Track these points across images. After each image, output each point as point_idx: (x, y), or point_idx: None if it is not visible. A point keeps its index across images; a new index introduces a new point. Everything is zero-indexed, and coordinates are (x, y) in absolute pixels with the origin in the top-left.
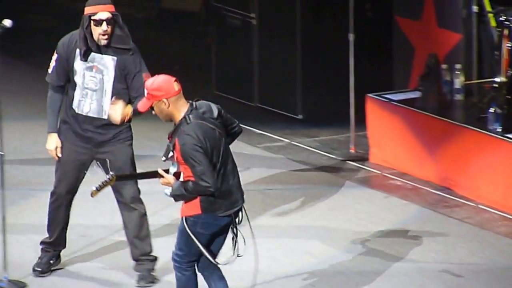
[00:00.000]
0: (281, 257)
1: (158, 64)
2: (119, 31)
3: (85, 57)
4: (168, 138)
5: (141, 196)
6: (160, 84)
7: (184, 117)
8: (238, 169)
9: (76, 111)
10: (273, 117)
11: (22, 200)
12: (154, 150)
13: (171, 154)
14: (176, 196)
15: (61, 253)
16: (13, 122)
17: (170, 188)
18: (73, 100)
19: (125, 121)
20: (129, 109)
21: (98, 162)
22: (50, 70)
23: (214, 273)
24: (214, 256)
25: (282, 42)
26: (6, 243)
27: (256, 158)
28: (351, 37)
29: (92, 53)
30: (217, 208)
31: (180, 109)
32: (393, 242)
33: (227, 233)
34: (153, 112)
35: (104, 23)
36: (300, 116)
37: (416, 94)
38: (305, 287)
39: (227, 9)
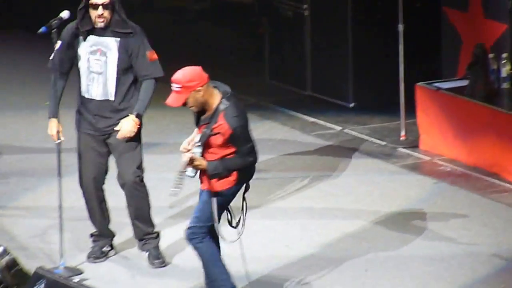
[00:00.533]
0: (334, 242)
1: (214, 55)
2: (117, 16)
3: (85, 36)
4: (201, 127)
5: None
6: (192, 75)
7: (221, 101)
8: (292, 156)
9: (86, 96)
10: (325, 105)
11: (79, 187)
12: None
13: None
14: (215, 175)
15: (116, 240)
16: (69, 111)
17: (194, 170)
18: (81, 86)
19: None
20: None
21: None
22: (51, 57)
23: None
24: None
25: (333, 32)
26: (63, 230)
27: (309, 146)
28: (400, 27)
29: (95, 36)
30: (246, 178)
31: (212, 94)
32: (443, 227)
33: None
34: (188, 105)
35: (100, 7)
36: (351, 104)
37: (464, 83)
38: (358, 271)
39: (280, 0)
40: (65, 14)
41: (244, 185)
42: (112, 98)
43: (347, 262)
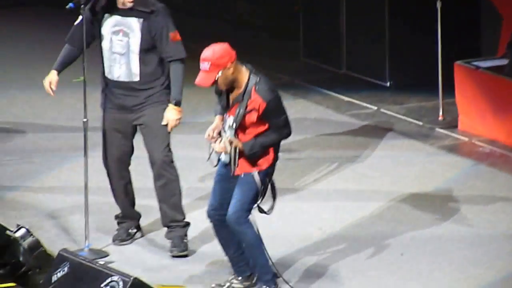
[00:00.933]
0: (369, 224)
1: (247, 33)
2: None
3: (107, 15)
4: (232, 108)
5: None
6: (222, 51)
7: (250, 77)
8: (326, 136)
9: (109, 77)
10: (360, 84)
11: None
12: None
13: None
14: (252, 155)
15: (143, 221)
16: (97, 89)
17: (228, 155)
18: (104, 67)
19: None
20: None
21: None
22: (72, 30)
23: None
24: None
25: (370, 9)
26: (88, 211)
27: (343, 125)
28: (438, 4)
29: (118, 16)
30: (277, 155)
31: (241, 71)
32: (482, 210)
33: None
34: (218, 83)
35: None
36: (388, 83)
37: (504, 61)
38: (393, 255)
39: None
40: None
41: None
42: (136, 79)
43: (382, 246)
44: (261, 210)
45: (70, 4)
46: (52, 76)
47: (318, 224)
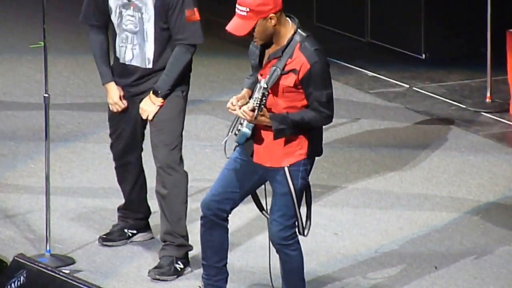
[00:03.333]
0: (395, 231)
1: None
2: None
3: None
4: (267, 65)
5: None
6: None
7: (297, 32)
8: (345, 119)
9: (120, 60)
10: (388, 56)
11: (71, 155)
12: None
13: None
14: (281, 131)
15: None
16: (61, 57)
17: (250, 125)
18: (115, 46)
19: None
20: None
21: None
22: (84, 7)
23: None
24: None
25: None
26: (49, 208)
27: (367, 107)
28: None
29: None
30: (320, 149)
31: (285, 24)
32: None
33: None
34: (255, 35)
35: None
36: (423, 56)
37: None
38: (425, 268)
39: None
40: None
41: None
42: (149, 65)
43: (412, 256)
44: (264, 211)
45: None
46: (115, 90)
47: (334, 229)
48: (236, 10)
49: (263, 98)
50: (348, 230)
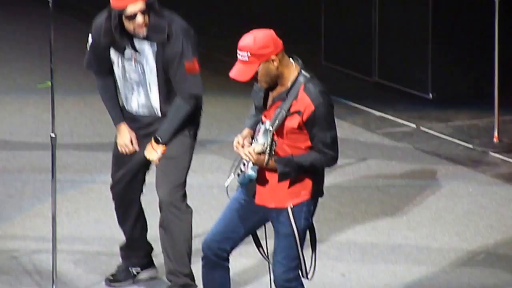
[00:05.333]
0: (403, 272)
1: (252, 27)
2: (154, 19)
3: (118, 49)
4: (271, 107)
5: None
6: (265, 40)
7: (300, 73)
8: (352, 159)
9: (126, 108)
10: (396, 96)
11: (78, 195)
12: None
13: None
14: (285, 174)
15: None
16: (68, 96)
17: (255, 168)
18: (119, 95)
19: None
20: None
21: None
22: (86, 56)
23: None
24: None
25: (409, 2)
26: (56, 249)
27: (374, 147)
28: None
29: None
30: (321, 188)
31: (288, 65)
32: None
33: None
34: (258, 78)
35: (139, 14)
36: (430, 95)
37: None
38: None
39: None
40: None
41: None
42: (158, 114)
43: None
44: (263, 253)
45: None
46: (127, 132)
47: (340, 269)
48: (238, 55)
49: (273, 143)
50: (355, 271)
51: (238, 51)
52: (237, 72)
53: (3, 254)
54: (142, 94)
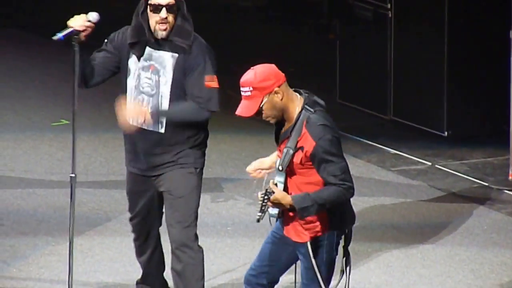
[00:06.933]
0: None
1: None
2: (181, 21)
3: (138, 51)
4: (281, 143)
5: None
6: (266, 73)
7: (304, 107)
8: (367, 197)
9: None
10: (411, 134)
11: (92, 233)
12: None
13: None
14: (304, 211)
15: None
16: (82, 134)
17: (276, 208)
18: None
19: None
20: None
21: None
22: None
23: None
24: None
25: (424, 40)
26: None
27: (389, 185)
28: (511, 34)
29: (149, 49)
30: (344, 222)
31: (293, 97)
32: None
33: None
34: (263, 112)
35: (164, 9)
36: (446, 133)
37: None
38: None
39: None
40: (93, 16)
41: (345, 232)
42: (162, 130)
43: None
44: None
45: (59, 36)
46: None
47: None
48: (241, 92)
49: (265, 198)
50: None
51: (241, 88)
52: (242, 108)
53: None
54: (152, 107)
